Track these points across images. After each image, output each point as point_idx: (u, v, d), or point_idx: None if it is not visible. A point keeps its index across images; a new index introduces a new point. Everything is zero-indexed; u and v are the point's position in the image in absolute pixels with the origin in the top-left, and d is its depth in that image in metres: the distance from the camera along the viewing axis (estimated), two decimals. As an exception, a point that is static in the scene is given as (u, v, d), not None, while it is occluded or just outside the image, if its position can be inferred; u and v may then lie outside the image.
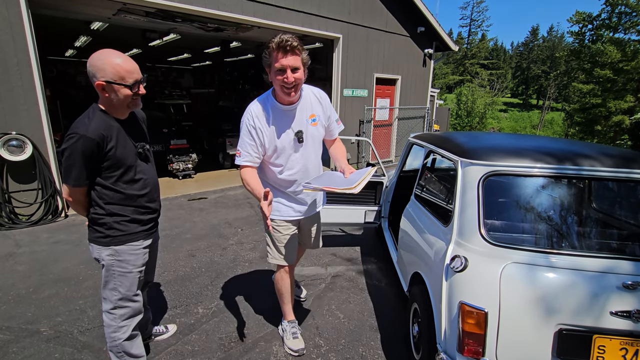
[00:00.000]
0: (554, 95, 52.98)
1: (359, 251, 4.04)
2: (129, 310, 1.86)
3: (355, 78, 8.21)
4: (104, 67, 1.60)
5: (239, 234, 4.42)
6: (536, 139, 2.64)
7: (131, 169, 1.77)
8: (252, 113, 1.96)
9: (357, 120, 8.52)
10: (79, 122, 1.63)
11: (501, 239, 1.79)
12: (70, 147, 1.58)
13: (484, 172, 1.93)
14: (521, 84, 61.26)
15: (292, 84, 1.83)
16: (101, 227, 1.75)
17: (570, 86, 37.96)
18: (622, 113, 25.26)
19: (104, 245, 1.76)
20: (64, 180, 1.66)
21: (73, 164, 1.61)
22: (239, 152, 1.99)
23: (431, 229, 2.31)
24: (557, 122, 45.62)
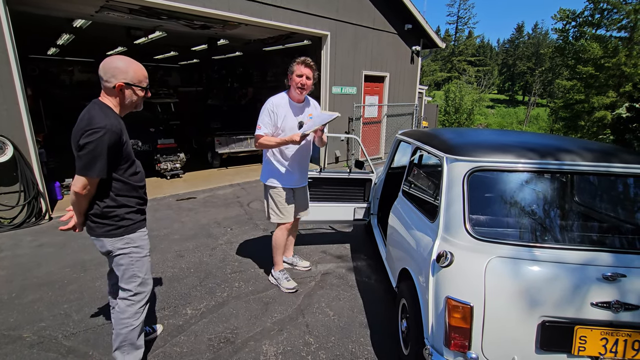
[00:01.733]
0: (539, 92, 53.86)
1: (348, 248, 4.05)
2: (145, 295, 2.01)
3: (344, 75, 8.20)
4: (127, 70, 1.79)
5: (228, 233, 4.38)
6: (520, 134, 2.67)
7: (134, 162, 1.93)
8: (273, 102, 2.83)
9: (347, 118, 8.52)
10: (97, 118, 1.71)
11: (486, 234, 1.81)
12: (97, 140, 1.67)
13: (469, 168, 1.95)
14: (507, 80, 62.10)
15: (304, 86, 2.77)
16: (113, 219, 1.86)
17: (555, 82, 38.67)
18: (604, 108, 25.81)
19: (118, 236, 1.87)
20: (85, 173, 1.70)
21: (98, 156, 1.69)
22: (260, 126, 2.82)
23: (418, 225, 2.32)
24: (542, 117, 46.39)
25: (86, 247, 3.87)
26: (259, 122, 2.83)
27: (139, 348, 2.02)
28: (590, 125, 26.75)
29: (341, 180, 3.86)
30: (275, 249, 3.13)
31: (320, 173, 3.75)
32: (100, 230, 1.85)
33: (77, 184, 1.72)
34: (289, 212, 3.03)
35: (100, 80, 1.81)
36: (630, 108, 14.21)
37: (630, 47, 25.59)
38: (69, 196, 5.79)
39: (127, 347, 1.97)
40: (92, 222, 1.86)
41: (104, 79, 1.78)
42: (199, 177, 7.27)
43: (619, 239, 1.89)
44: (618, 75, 25.76)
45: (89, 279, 3.21)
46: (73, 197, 1.77)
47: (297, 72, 2.73)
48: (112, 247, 1.88)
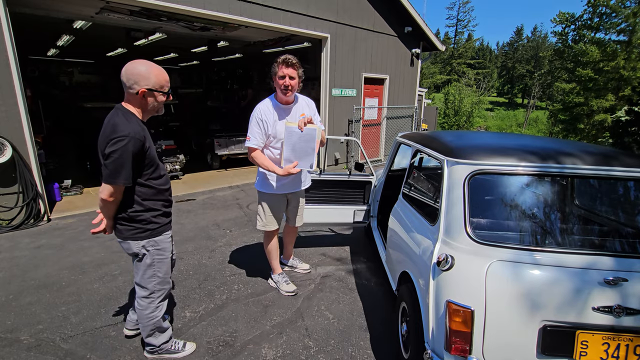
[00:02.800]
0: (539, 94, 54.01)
1: (348, 251, 4.03)
2: (164, 292, 2.12)
3: (344, 78, 8.21)
4: (149, 76, 1.82)
5: (227, 235, 4.37)
6: (520, 137, 2.67)
7: (158, 166, 1.96)
8: (260, 110, 2.67)
9: (346, 120, 8.53)
10: (120, 125, 1.75)
11: (487, 237, 1.81)
12: (122, 149, 1.72)
13: (470, 171, 1.95)
14: (507, 83, 62.22)
15: (289, 87, 2.59)
16: (140, 222, 1.92)
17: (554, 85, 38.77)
18: (603, 112, 25.86)
19: (145, 239, 1.95)
20: (111, 181, 1.75)
21: (124, 163, 1.74)
22: (249, 138, 2.66)
23: (418, 227, 2.31)
24: (541, 120, 46.50)
25: (85, 249, 3.86)
26: (249, 133, 2.68)
27: (167, 328, 2.23)
28: (590, 128, 26.81)
29: (341, 183, 3.86)
30: (268, 255, 3.14)
31: (320, 175, 3.74)
32: (127, 233, 1.92)
33: (104, 191, 1.77)
34: (271, 220, 2.94)
35: (123, 86, 1.84)
36: (630, 111, 14.23)
37: (629, 51, 25.68)
38: (68, 197, 5.78)
39: (156, 332, 2.15)
40: (120, 225, 1.92)
41: (127, 86, 1.81)
42: (198, 179, 7.26)
43: (620, 242, 1.89)
44: (617, 79, 25.84)
45: (87, 281, 3.19)
46: (100, 204, 1.83)
47: (280, 74, 2.56)
48: (137, 249, 1.95)
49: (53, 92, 12.72)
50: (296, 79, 2.61)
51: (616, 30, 26.42)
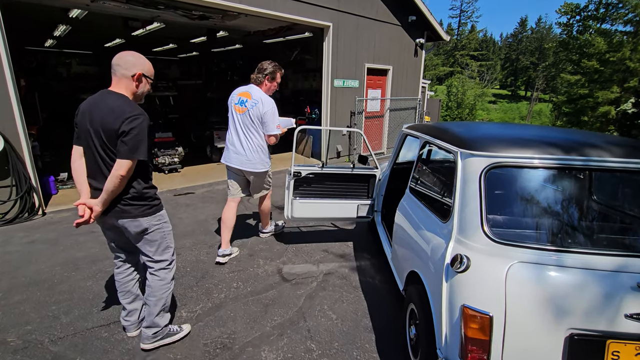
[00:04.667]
0: (542, 87, 53.42)
1: (351, 247, 3.90)
2: (175, 260, 2.28)
3: (346, 68, 8.00)
4: (143, 63, 1.98)
5: (226, 230, 4.24)
6: (537, 128, 2.51)
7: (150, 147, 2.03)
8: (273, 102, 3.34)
9: (349, 112, 8.33)
10: (129, 106, 1.88)
11: (506, 236, 1.66)
12: (139, 125, 1.85)
13: (486, 164, 1.79)
14: (510, 75, 61.57)
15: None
16: (148, 199, 2.04)
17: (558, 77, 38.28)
18: (608, 104, 25.53)
19: (153, 214, 2.06)
20: (131, 156, 1.84)
21: (143, 139, 1.87)
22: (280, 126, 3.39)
23: (428, 224, 2.17)
24: (544, 113, 46.03)
25: (79, 244, 3.73)
26: (277, 122, 3.31)
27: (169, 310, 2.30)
28: (594, 120, 26.50)
29: (344, 176, 3.70)
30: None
31: (322, 168, 3.59)
32: (137, 211, 1.99)
33: (124, 167, 1.83)
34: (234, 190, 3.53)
35: (114, 70, 1.93)
36: (636, 103, 13.96)
37: (636, 42, 25.23)
38: (64, 191, 5.62)
39: (163, 311, 2.21)
40: (127, 205, 1.96)
41: (123, 67, 1.92)
42: (197, 172, 7.11)
43: (652, 242, 1.73)
44: (622, 70, 25.43)
45: (80, 278, 3.07)
46: (117, 182, 1.84)
47: (278, 80, 3.42)
48: (148, 224, 2.04)
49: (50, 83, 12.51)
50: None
51: (623, 21, 25.93)
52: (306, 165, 3.63)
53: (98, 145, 1.87)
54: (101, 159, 1.89)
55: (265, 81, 3.29)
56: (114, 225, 2.03)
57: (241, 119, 3.28)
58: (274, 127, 3.27)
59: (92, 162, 1.93)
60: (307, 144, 8.75)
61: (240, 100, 3.30)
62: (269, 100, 3.25)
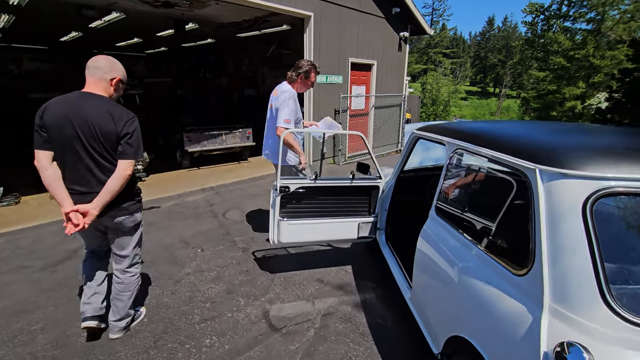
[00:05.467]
0: (510, 83, 54.81)
1: (350, 273, 3.20)
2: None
3: (329, 63, 7.28)
4: (121, 68, 1.99)
5: (198, 256, 3.44)
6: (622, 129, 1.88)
7: None
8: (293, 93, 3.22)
9: (333, 110, 7.62)
10: (121, 108, 1.90)
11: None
12: (138, 127, 1.92)
13: (593, 191, 1.13)
14: (479, 72, 62.81)
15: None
16: (139, 196, 2.13)
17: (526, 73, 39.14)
18: (574, 99, 26.14)
19: (141, 210, 2.16)
20: (137, 157, 1.91)
21: (141, 139, 1.93)
22: (288, 120, 3.08)
23: (484, 271, 1.49)
24: (512, 108, 47.19)
25: (1, 288, 2.84)
26: (287, 115, 3.07)
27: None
28: (562, 115, 27.10)
29: (342, 190, 2.99)
30: None
31: (315, 181, 2.86)
32: (135, 207, 2.07)
33: (130, 167, 1.85)
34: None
35: (91, 72, 1.88)
36: (610, 98, 14.10)
37: (598, 39, 25.91)
38: None
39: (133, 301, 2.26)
40: (126, 203, 1.99)
41: (103, 70, 1.88)
42: (165, 181, 6.19)
43: None
44: (587, 67, 26.08)
45: None
46: (122, 182, 1.83)
47: (312, 79, 3.33)
48: (140, 217, 2.15)
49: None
50: None
51: (585, 19, 26.56)
52: (295, 178, 2.90)
53: (91, 150, 1.82)
54: (95, 163, 1.84)
55: (298, 79, 3.26)
56: (106, 225, 2.02)
57: (269, 115, 3.43)
58: (281, 120, 3.09)
59: (83, 168, 1.84)
60: (288, 145, 7.98)
61: (271, 97, 3.39)
62: (287, 91, 3.20)
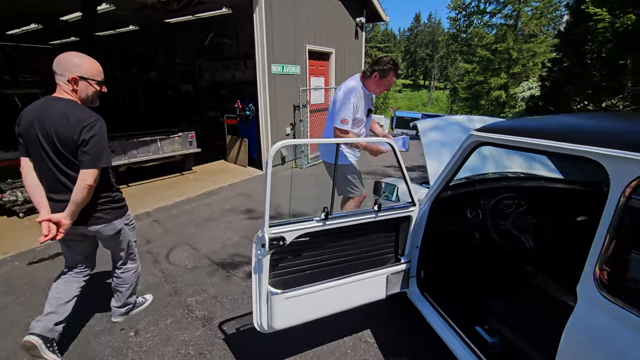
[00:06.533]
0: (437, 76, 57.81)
1: (374, 344, 2.12)
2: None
3: (284, 50, 6.06)
4: (80, 64, 1.78)
5: (128, 348, 2.09)
6: None
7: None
8: (359, 92, 2.66)
9: (291, 105, 6.44)
10: (83, 112, 1.75)
11: None
12: (99, 132, 1.75)
13: None
14: (410, 66, 65.37)
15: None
16: (117, 202, 2.00)
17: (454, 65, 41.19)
18: (498, 89, 27.86)
19: (122, 216, 2.04)
20: (96, 165, 1.75)
21: (104, 145, 1.78)
22: (346, 120, 2.61)
23: None
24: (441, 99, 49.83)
25: None
26: (344, 115, 2.61)
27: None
28: (489, 104, 28.81)
29: (362, 228, 1.89)
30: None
31: (325, 221, 1.72)
32: (111, 215, 1.95)
33: (90, 177, 1.73)
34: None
35: (55, 75, 1.77)
36: (543, 86, 14.84)
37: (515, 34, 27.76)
38: None
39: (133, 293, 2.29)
40: (101, 212, 1.89)
41: (58, 73, 1.76)
42: (81, 207, 4.53)
43: None
44: (508, 59, 27.90)
45: None
46: (85, 193, 1.73)
47: (391, 81, 2.69)
48: (121, 225, 2.03)
49: None
50: None
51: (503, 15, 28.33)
52: (293, 222, 1.70)
53: (54, 156, 1.74)
54: (59, 171, 1.77)
55: (372, 77, 2.66)
56: (82, 233, 1.94)
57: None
58: (338, 120, 2.63)
59: (50, 175, 1.78)
60: (241, 148, 6.62)
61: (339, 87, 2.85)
62: (352, 86, 2.66)
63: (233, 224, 4.02)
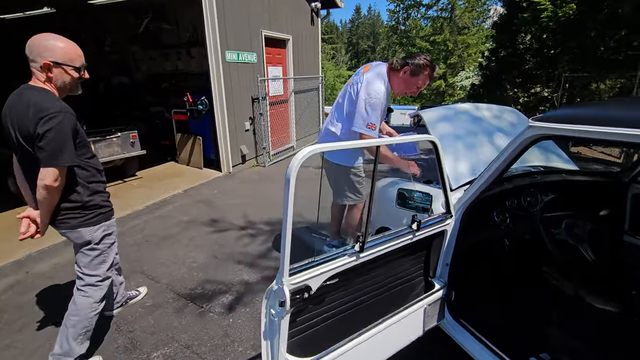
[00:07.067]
0: (380, 67, 59.07)
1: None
2: (110, 279, 1.89)
3: (238, 36, 5.34)
4: (52, 48, 1.56)
5: None
6: None
7: (88, 145, 1.74)
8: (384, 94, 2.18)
9: (249, 97, 5.75)
10: (45, 102, 1.52)
11: None
12: (58, 125, 1.51)
13: None
14: (353, 57, 66.22)
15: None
16: (92, 208, 1.73)
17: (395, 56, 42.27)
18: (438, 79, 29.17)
19: (96, 224, 1.75)
20: (53, 163, 1.51)
21: (65, 140, 1.53)
22: (374, 125, 2.15)
23: None
24: (385, 89, 51.14)
25: None
26: (373, 120, 2.15)
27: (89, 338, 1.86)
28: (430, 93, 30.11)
29: (397, 252, 1.43)
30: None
31: (360, 254, 1.22)
32: (76, 221, 1.70)
33: (48, 177, 1.51)
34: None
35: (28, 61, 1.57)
36: (484, 75, 15.62)
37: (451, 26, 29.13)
38: None
39: (83, 336, 1.79)
40: (66, 216, 1.67)
41: (30, 58, 1.56)
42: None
43: None
44: (445, 50, 29.25)
45: None
46: (44, 194, 1.54)
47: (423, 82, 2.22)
48: (90, 236, 1.74)
49: None
50: None
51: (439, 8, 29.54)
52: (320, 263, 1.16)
53: (22, 152, 1.58)
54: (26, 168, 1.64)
55: (401, 71, 2.18)
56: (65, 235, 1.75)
57: (343, 91, 2.38)
58: (362, 124, 2.14)
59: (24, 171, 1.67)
60: (194, 147, 5.79)
61: (358, 72, 2.35)
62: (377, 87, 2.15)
63: (197, 240, 3.36)
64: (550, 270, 1.92)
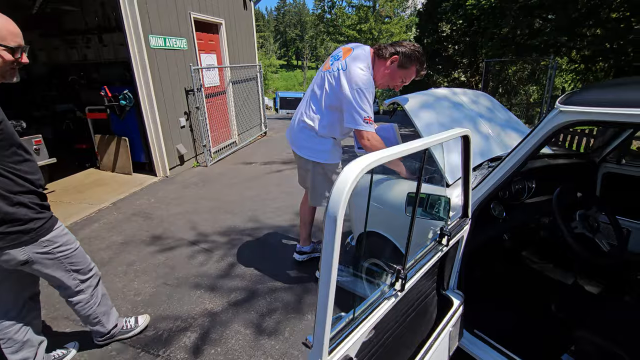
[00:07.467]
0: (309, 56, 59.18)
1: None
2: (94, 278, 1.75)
3: (164, 19, 4.56)
4: None
5: None
6: None
7: (20, 148, 1.38)
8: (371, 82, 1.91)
9: (183, 90, 5.02)
10: None
11: None
12: None
13: None
14: (282, 46, 65.02)
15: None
16: (18, 224, 1.37)
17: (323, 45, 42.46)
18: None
19: (31, 243, 1.42)
20: None
21: None
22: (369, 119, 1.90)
23: None
24: (316, 78, 51.41)
25: None
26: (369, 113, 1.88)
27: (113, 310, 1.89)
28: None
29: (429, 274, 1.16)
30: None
31: (400, 293, 0.91)
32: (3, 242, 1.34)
33: None
34: None
35: None
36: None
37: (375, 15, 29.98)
38: None
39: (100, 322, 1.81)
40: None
41: None
42: None
43: None
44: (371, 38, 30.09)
45: None
46: None
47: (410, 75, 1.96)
48: (27, 257, 1.42)
49: None
50: None
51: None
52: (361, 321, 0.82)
53: None
54: None
55: (390, 60, 1.89)
56: None
57: (319, 78, 2.05)
58: (360, 120, 1.85)
59: None
60: (120, 150, 4.90)
61: (336, 55, 2.02)
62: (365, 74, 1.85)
63: (137, 265, 2.75)
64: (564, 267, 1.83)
